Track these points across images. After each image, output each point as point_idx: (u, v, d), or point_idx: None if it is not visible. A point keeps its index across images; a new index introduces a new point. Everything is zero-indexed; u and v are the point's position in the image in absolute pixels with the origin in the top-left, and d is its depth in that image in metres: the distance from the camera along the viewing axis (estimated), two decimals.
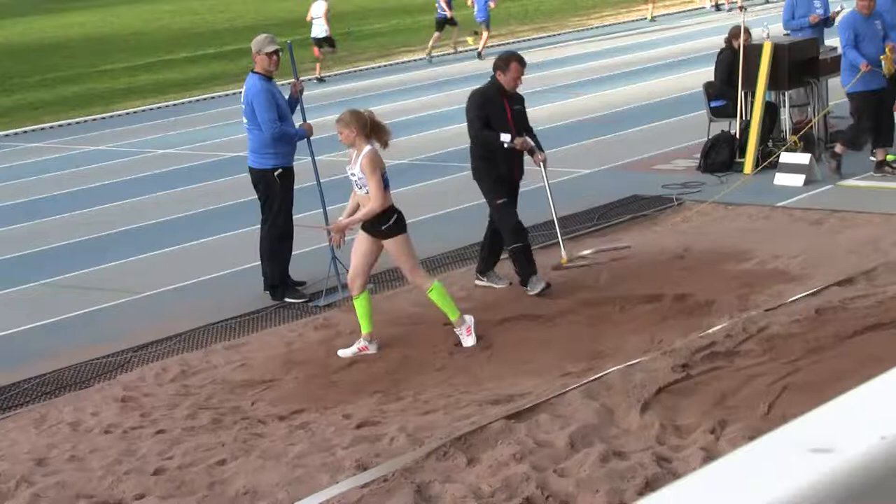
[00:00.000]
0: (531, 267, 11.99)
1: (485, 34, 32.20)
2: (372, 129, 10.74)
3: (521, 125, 12.11)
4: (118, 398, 10.27)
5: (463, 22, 32.78)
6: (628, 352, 10.18)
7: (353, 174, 10.81)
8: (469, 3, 32.55)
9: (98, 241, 15.71)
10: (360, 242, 11.02)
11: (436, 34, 32.01)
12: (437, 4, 32.21)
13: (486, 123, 11.93)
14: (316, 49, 29.75)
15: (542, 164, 12.29)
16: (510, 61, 12.04)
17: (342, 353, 10.90)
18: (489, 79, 12.28)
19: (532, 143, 12.10)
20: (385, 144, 10.84)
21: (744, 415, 8.57)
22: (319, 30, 29.77)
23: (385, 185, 10.76)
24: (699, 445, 8.09)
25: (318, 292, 12.61)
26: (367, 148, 10.70)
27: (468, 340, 10.87)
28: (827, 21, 18.83)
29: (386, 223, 10.83)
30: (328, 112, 23.01)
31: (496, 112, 11.98)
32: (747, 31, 17.12)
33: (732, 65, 17.11)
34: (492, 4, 32.14)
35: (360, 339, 10.96)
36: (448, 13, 31.82)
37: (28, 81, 32.46)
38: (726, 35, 17.65)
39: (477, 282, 12.12)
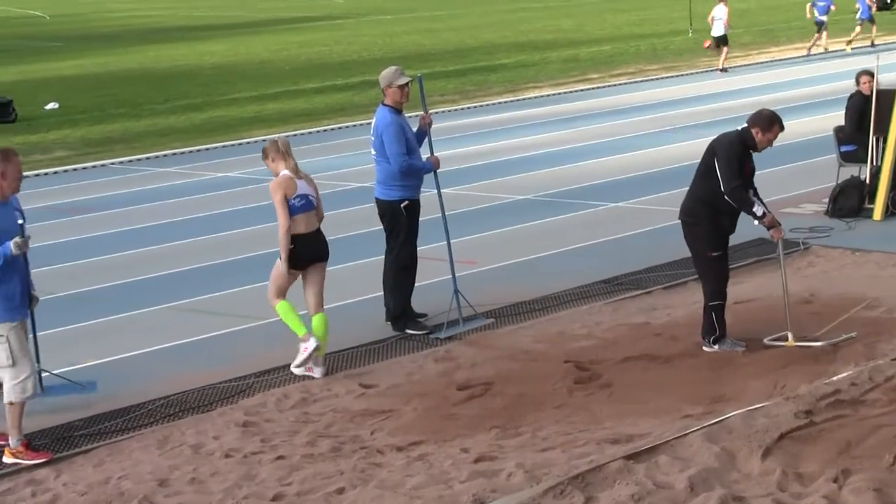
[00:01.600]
0: (724, 329, 11.45)
1: (873, 28, 38.70)
2: (285, 155, 11.53)
3: (750, 184, 11.52)
4: (239, 423, 10.38)
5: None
6: (750, 396, 10.06)
7: None
8: (857, 5, 39.09)
9: (224, 267, 15.90)
10: None
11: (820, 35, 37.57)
12: (812, 6, 37.91)
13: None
14: (708, 42, 35.66)
15: (780, 241, 11.70)
16: (775, 123, 11.40)
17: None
18: (738, 129, 11.48)
19: (778, 221, 11.53)
20: (293, 170, 11.50)
21: (868, 465, 8.41)
22: (719, 30, 35.01)
23: (295, 210, 11.38)
24: (821, 494, 7.97)
25: (440, 324, 12.64)
26: (279, 174, 11.46)
27: (300, 357, 11.46)
28: None
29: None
30: (457, 145, 23.17)
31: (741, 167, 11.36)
32: (873, 74, 16.94)
33: (863, 109, 16.90)
34: (869, 2, 38.66)
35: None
36: (871, 10, 38.07)
37: (158, 108, 32.97)
38: (854, 79, 17.48)
39: (706, 348, 11.41)
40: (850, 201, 16.59)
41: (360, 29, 55.81)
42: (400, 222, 12.60)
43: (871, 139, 16.71)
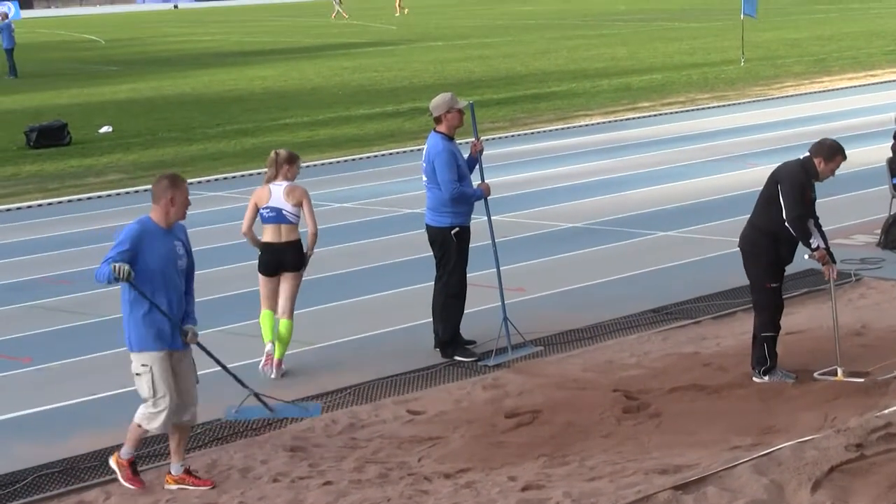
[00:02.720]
0: (775, 360, 11.41)
1: None
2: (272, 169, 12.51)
3: (812, 213, 11.46)
4: (287, 447, 10.41)
5: None
6: (800, 428, 10.01)
7: None
8: None
9: None
10: None
11: None
12: None
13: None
14: None
15: (832, 278, 11.65)
16: (837, 153, 11.31)
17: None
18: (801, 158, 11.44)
19: (830, 257, 11.49)
20: (278, 182, 12.48)
21: None
22: None
23: (263, 219, 12.58)
24: None
25: (489, 352, 12.64)
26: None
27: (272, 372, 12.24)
28: None
29: None
30: (507, 172, 23.19)
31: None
32: None
33: None
34: None
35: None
36: None
37: (210, 132, 33.13)
38: None
39: (756, 379, 11.39)
40: None
41: (412, 55, 55.93)
42: (450, 249, 12.62)
43: None
